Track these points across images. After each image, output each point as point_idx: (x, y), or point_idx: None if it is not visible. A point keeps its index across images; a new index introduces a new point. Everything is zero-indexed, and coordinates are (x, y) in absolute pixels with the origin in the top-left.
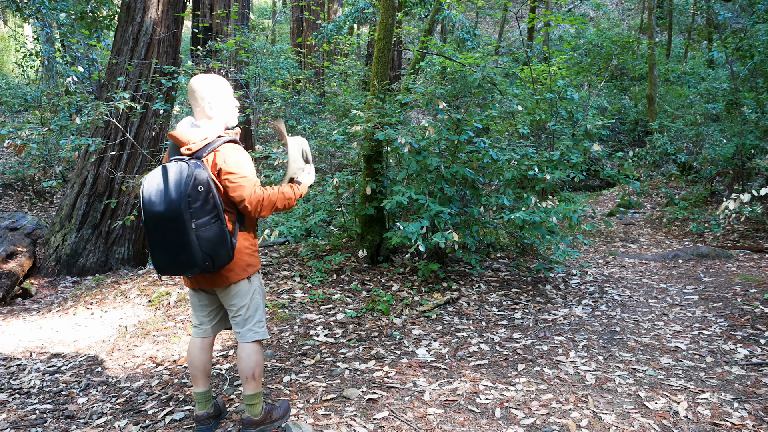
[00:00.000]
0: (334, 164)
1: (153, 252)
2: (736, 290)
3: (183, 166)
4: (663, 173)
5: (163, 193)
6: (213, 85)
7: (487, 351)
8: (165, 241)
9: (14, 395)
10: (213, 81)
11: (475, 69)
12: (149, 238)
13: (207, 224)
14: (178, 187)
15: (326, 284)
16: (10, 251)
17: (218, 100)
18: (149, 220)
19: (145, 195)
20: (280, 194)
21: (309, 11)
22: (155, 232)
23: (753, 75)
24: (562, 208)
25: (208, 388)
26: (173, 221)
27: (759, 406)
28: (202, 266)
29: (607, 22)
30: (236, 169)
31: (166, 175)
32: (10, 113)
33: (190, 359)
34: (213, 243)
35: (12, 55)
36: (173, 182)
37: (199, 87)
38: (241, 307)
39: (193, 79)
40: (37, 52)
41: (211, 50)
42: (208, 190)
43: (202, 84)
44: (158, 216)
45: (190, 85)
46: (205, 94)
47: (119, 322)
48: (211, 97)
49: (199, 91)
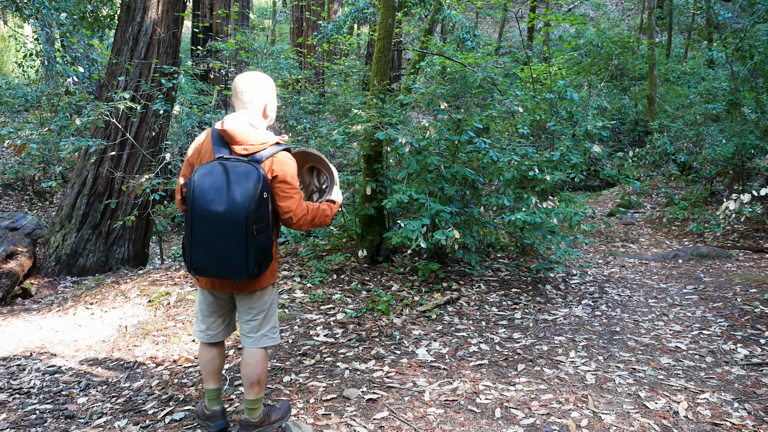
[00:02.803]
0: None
1: (194, 250)
2: (736, 290)
3: (251, 170)
4: (663, 173)
5: (224, 193)
6: (271, 84)
7: (487, 351)
8: (217, 243)
9: (14, 395)
10: (270, 80)
11: (476, 69)
12: (195, 236)
13: (262, 231)
14: (246, 192)
15: (326, 284)
16: (10, 251)
17: (275, 101)
18: (202, 219)
19: (197, 190)
20: (321, 210)
21: (309, 11)
22: (207, 231)
23: (753, 75)
24: (563, 209)
25: (221, 385)
26: (235, 225)
27: (759, 406)
28: (251, 273)
29: (607, 22)
30: (291, 180)
31: (228, 174)
32: (10, 113)
33: (204, 364)
34: (264, 250)
35: (12, 55)
36: (239, 185)
37: (259, 85)
38: (261, 311)
39: (250, 76)
40: (37, 52)
41: (211, 50)
42: (269, 197)
43: (261, 82)
44: (215, 216)
45: (245, 82)
46: (265, 92)
47: (119, 322)
48: (270, 97)
49: (259, 88)
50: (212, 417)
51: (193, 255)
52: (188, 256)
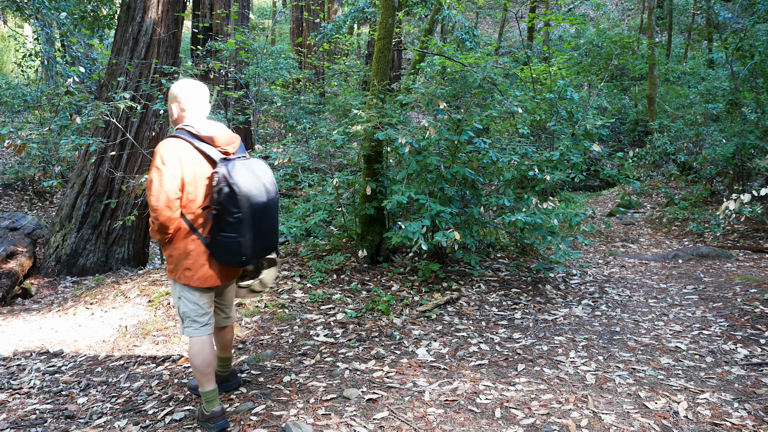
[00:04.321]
0: (334, 164)
1: (256, 241)
2: (736, 290)
3: (259, 161)
4: (663, 173)
5: (262, 186)
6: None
7: (487, 351)
8: (270, 228)
9: (14, 395)
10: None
11: (476, 69)
12: (256, 229)
13: None
14: (271, 178)
15: (326, 284)
16: (10, 251)
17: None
18: (261, 212)
19: (254, 187)
20: None
21: (309, 11)
22: (264, 221)
23: (753, 75)
24: (563, 209)
25: (216, 385)
26: (276, 209)
27: (759, 406)
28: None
29: (607, 22)
30: None
31: (251, 169)
32: (10, 113)
33: (209, 357)
34: None
35: (12, 55)
36: (268, 174)
37: (200, 90)
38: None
39: (191, 83)
40: (37, 52)
41: (211, 50)
42: None
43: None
44: (266, 206)
45: (200, 88)
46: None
47: (119, 322)
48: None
49: (203, 93)
50: (212, 418)
51: (255, 246)
52: (248, 249)
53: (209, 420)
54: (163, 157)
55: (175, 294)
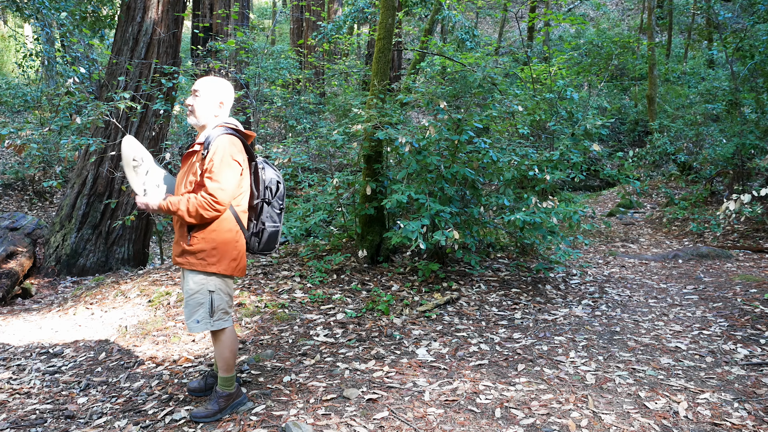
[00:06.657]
0: (334, 164)
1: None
2: (736, 290)
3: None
4: (663, 173)
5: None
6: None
7: (487, 351)
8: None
9: (14, 395)
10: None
11: (476, 69)
12: (282, 219)
13: None
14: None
15: (326, 284)
16: (10, 251)
17: None
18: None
19: (279, 183)
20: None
21: (309, 11)
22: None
23: (753, 75)
24: (563, 208)
25: None
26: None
27: (759, 406)
28: None
29: (607, 22)
30: None
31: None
32: (10, 113)
33: (236, 344)
34: None
35: (12, 55)
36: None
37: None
38: None
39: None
40: (37, 52)
41: (211, 50)
42: None
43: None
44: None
45: (227, 86)
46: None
47: (119, 322)
48: None
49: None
50: (237, 394)
51: (278, 237)
52: (275, 241)
53: (235, 397)
54: (233, 154)
55: (202, 289)
